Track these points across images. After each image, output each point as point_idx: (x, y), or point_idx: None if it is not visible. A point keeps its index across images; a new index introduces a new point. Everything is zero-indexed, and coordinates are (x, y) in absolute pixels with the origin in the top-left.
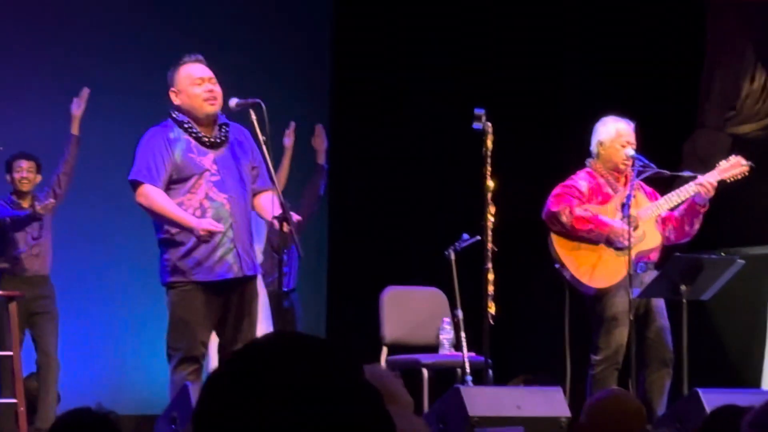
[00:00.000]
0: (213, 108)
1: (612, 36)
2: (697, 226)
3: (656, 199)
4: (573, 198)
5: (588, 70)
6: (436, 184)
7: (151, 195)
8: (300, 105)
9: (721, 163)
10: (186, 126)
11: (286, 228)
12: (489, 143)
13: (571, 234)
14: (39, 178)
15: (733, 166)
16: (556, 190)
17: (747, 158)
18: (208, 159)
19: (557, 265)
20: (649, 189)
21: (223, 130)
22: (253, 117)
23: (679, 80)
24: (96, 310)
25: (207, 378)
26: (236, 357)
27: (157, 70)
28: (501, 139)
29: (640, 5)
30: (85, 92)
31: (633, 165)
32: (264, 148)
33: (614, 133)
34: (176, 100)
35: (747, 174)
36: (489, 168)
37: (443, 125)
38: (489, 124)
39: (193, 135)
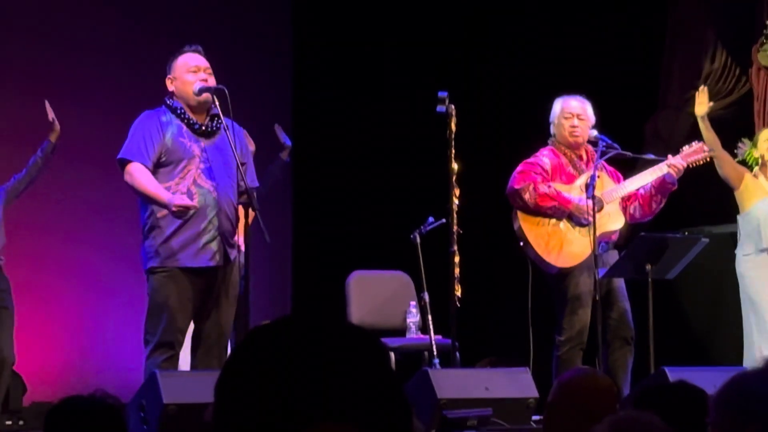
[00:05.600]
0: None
1: (573, 18)
2: (662, 205)
3: (619, 179)
4: (536, 175)
5: (550, 51)
6: (400, 168)
7: (135, 173)
8: (262, 88)
9: (684, 148)
10: (179, 112)
11: (251, 214)
12: (453, 126)
13: (533, 211)
14: None
15: (695, 152)
16: (520, 167)
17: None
18: (198, 146)
19: (521, 243)
20: (611, 169)
21: (215, 121)
22: (216, 103)
23: (641, 61)
24: (59, 299)
25: (230, 354)
26: (258, 332)
27: (117, 67)
28: (464, 122)
29: None
30: (47, 108)
31: (597, 145)
32: (227, 133)
33: (559, 110)
34: (171, 87)
35: (708, 161)
36: (453, 150)
37: (407, 108)
38: (452, 106)
39: (185, 121)
